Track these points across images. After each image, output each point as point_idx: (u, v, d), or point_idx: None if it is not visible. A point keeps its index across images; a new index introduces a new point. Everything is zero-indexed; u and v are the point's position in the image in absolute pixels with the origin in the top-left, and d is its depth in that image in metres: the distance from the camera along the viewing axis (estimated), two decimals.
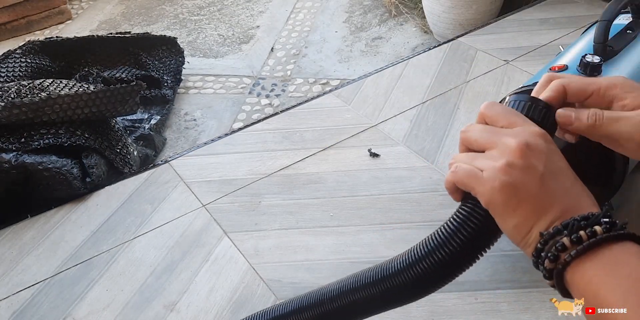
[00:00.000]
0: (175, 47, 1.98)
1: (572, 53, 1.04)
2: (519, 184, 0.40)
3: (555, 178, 0.41)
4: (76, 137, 1.33)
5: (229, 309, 1.01)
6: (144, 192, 1.28)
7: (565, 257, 0.39)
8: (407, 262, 0.46)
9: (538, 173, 0.40)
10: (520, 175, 0.40)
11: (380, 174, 1.26)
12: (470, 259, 0.45)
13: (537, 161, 0.40)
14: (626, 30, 1.08)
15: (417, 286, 0.47)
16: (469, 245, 0.44)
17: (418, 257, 0.45)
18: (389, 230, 1.13)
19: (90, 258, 1.14)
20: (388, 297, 0.49)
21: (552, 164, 0.41)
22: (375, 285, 0.49)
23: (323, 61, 2.06)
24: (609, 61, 1.00)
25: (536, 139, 0.41)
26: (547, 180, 0.40)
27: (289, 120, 1.46)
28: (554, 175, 0.41)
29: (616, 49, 1.02)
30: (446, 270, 0.45)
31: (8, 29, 2.43)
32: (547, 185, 0.40)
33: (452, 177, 0.43)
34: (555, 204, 0.40)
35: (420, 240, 0.46)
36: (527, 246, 0.42)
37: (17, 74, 1.60)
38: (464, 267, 0.45)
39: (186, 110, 1.86)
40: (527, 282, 1.01)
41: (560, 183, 0.41)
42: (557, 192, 0.41)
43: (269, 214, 1.20)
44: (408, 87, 1.54)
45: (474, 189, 0.42)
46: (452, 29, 2.00)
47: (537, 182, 0.40)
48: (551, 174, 0.40)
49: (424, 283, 0.47)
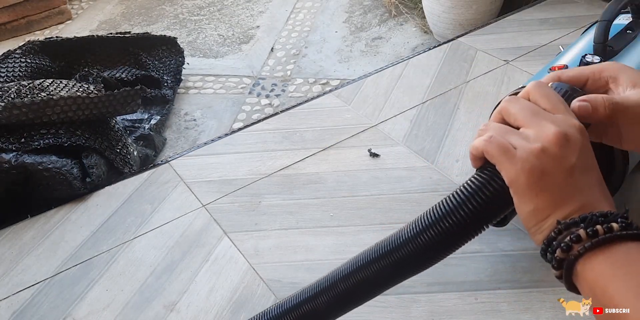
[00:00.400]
0: (175, 47, 1.98)
1: (572, 53, 1.04)
2: (548, 171, 0.40)
3: (584, 173, 0.41)
4: (76, 137, 1.33)
5: (229, 309, 1.01)
6: (144, 192, 1.28)
7: (578, 249, 0.39)
8: (418, 229, 0.48)
9: (569, 164, 0.40)
10: (552, 163, 0.40)
11: (380, 174, 1.26)
12: (479, 227, 0.45)
13: (571, 153, 0.40)
14: (626, 30, 1.08)
15: (427, 253, 0.49)
16: (481, 212, 0.44)
17: (431, 222, 0.46)
18: (389, 230, 1.12)
19: (90, 258, 1.14)
20: (399, 267, 0.52)
21: (583, 159, 0.41)
22: (385, 257, 0.51)
23: (323, 61, 2.06)
24: (610, 61, 1.00)
25: (575, 132, 0.41)
26: (575, 173, 0.40)
27: (289, 120, 1.46)
28: (583, 170, 0.41)
29: (616, 49, 1.02)
30: (456, 236, 0.45)
31: (8, 29, 2.43)
32: (575, 178, 0.40)
33: (484, 146, 0.42)
34: (576, 198, 0.40)
35: (436, 204, 0.46)
36: (538, 232, 0.42)
37: (17, 74, 1.60)
38: (472, 235, 0.45)
39: (186, 110, 1.86)
40: (527, 282, 1.01)
41: (587, 179, 0.41)
42: (581, 187, 0.41)
43: (269, 214, 1.20)
44: (408, 87, 1.54)
45: (502, 164, 0.42)
46: (452, 29, 2.00)
47: (565, 173, 0.40)
48: (581, 169, 0.41)
49: (437, 248, 0.48)
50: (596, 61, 0.96)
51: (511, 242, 1.08)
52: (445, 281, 1.02)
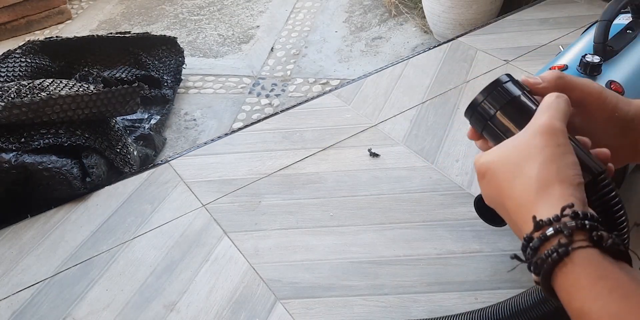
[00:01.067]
0: (175, 47, 1.98)
1: (572, 53, 1.04)
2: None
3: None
4: (76, 137, 1.33)
5: (229, 309, 1.01)
6: (144, 192, 1.28)
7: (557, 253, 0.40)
8: None
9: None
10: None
11: (380, 174, 1.26)
12: None
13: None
14: (626, 30, 1.08)
15: None
16: None
17: None
18: (389, 230, 1.13)
19: (90, 258, 1.14)
20: None
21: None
22: None
23: (323, 61, 2.06)
24: (609, 61, 1.00)
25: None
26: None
27: (289, 120, 1.46)
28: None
29: (616, 48, 1.02)
30: None
31: (8, 29, 2.43)
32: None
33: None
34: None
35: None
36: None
37: (17, 74, 1.60)
38: None
39: (186, 110, 1.86)
40: (527, 282, 1.00)
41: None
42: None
43: (269, 213, 1.20)
44: (408, 87, 1.54)
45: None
46: (452, 29, 2.00)
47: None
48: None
49: None
50: (596, 61, 0.96)
51: (511, 242, 1.08)
52: (445, 281, 1.02)
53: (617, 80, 0.97)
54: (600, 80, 0.97)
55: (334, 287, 1.03)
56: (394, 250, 1.09)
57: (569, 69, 1.01)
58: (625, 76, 0.99)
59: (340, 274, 1.05)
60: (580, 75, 0.98)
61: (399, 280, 1.03)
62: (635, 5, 1.08)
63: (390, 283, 1.03)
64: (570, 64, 1.02)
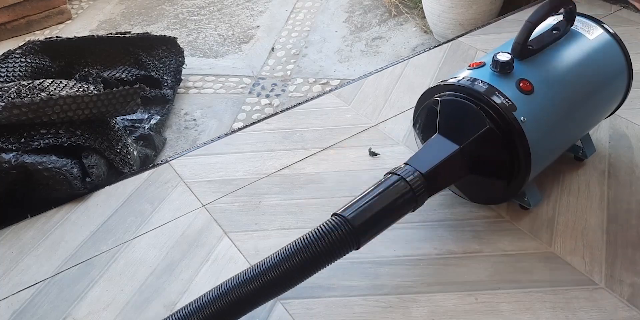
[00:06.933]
0: (175, 47, 1.98)
1: (495, 51, 1.06)
2: None
3: None
4: (76, 137, 1.33)
5: None
6: (144, 192, 1.28)
7: None
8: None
9: None
10: None
11: (380, 174, 1.26)
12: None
13: None
14: (552, 30, 1.11)
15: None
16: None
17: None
18: (389, 230, 1.12)
19: (90, 258, 1.14)
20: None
21: None
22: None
23: (323, 61, 2.06)
24: (527, 60, 1.04)
25: None
26: None
27: (289, 120, 1.46)
28: None
29: (535, 48, 1.05)
30: None
31: (8, 29, 2.43)
32: None
33: None
34: None
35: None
36: None
37: (17, 74, 1.60)
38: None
39: (186, 110, 1.86)
40: (527, 282, 1.01)
41: None
42: None
43: (269, 213, 1.20)
44: (408, 87, 1.54)
45: None
46: (452, 29, 2.00)
47: None
48: None
49: None
50: (505, 59, 1.00)
51: (511, 242, 1.08)
52: (445, 281, 1.02)
53: (527, 78, 1.01)
54: (512, 78, 1.01)
55: (334, 287, 1.03)
56: (394, 250, 1.09)
57: (485, 66, 1.05)
58: (537, 74, 1.03)
59: (340, 274, 1.05)
60: (494, 72, 1.02)
61: (399, 280, 1.03)
62: (569, 8, 1.10)
63: (390, 283, 1.03)
64: (487, 61, 1.05)
